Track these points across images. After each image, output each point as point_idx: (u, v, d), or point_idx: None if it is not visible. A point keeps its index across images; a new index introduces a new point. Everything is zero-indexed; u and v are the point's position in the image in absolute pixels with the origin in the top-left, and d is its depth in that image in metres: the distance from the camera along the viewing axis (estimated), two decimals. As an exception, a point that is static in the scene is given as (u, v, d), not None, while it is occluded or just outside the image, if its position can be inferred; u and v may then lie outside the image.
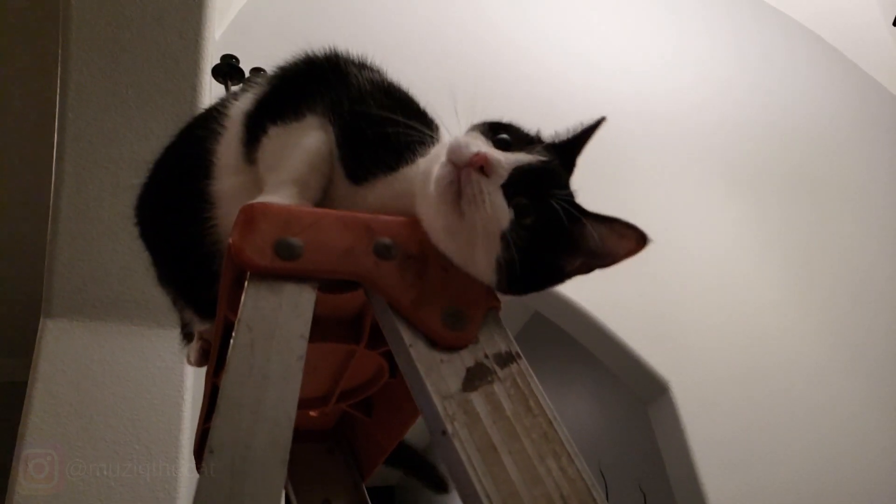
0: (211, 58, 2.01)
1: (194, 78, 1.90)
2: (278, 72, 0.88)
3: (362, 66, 0.85)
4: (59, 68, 1.76)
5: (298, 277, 0.62)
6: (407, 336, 0.62)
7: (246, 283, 0.61)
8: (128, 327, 1.77)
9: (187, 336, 1.00)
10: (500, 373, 0.62)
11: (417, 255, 0.67)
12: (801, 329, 3.26)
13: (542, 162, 0.71)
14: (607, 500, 0.77)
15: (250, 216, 0.65)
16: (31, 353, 1.70)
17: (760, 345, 3.11)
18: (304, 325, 0.60)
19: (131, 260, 1.82)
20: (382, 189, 0.74)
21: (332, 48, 0.86)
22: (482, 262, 0.66)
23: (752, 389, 2.94)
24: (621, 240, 0.74)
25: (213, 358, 0.79)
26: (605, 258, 0.72)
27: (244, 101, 0.87)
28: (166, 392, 1.71)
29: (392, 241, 0.66)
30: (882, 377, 3.26)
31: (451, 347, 0.62)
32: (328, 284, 0.65)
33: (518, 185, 0.67)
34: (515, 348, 0.65)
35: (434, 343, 0.62)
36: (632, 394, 3.10)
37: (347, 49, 0.85)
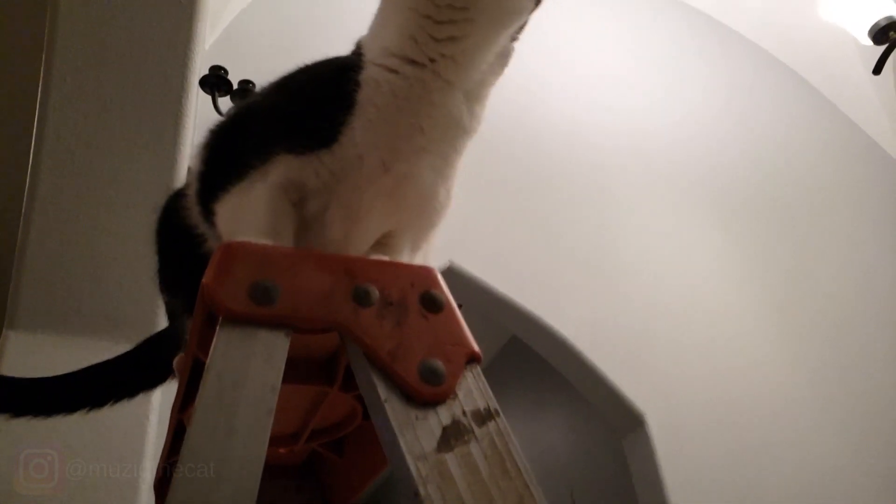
0: (199, 68, 1.98)
1: (181, 90, 1.88)
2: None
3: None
4: (42, 74, 1.73)
5: (272, 324, 0.60)
6: (382, 390, 0.59)
7: (218, 328, 0.59)
8: (95, 342, 1.72)
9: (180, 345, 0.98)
10: (478, 432, 0.60)
11: (397, 302, 0.65)
12: (780, 363, 3.26)
13: None
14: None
15: (227, 255, 0.63)
16: (-7, 366, 1.66)
17: (739, 379, 3.11)
18: (275, 375, 0.58)
19: (102, 273, 1.78)
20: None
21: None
22: None
23: (730, 424, 2.93)
24: None
25: (180, 394, 0.76)
26: None
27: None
28: (131, 410, 1.67)
29: (372, 287, 0.64)
30: (861, 410, 3.27)
31: (428, 403, 0.60)
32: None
33: None
34: (494, 405, 0.63)
35: (410, 398, 0.60)
36: (607, 424, 3.09)
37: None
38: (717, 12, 4.47)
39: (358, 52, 0.78)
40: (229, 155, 0.81)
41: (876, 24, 3.09)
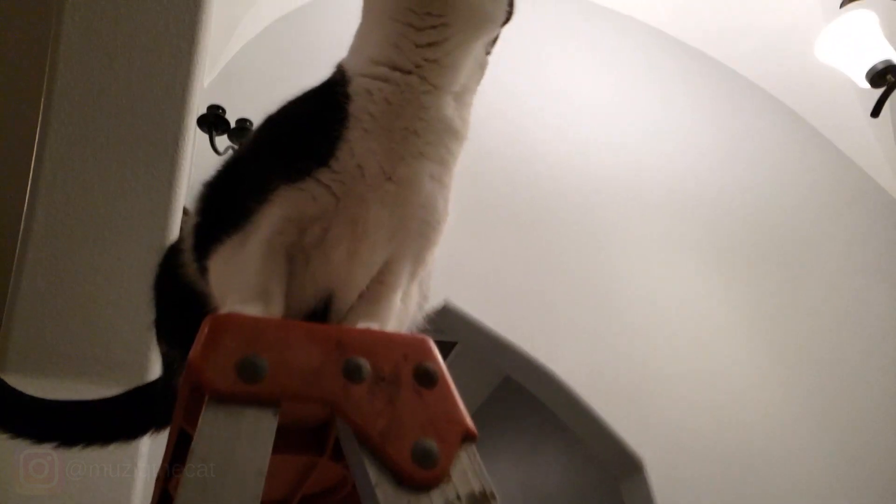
0: (197, 108, 1.98)
1: (178, 130, 1.87)
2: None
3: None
4: (41, 114, 1.73)
5: (260, 402, 0.58)
6: (373, 473, 0.57)
7: (204, 406, 0.57)
8: (85, 385, 1.69)
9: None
10: (472, 517, 0.58)
11: (389, 377, 0.63)
12: (782, 409, 3.23)
13: None
14: None
15: (215, 329, 0.61)
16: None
17: (740, 424, 3.07)
18: (262, 458, 0.56)
19: (94, 315, 1.76)
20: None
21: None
22: None
23: (730, 470, 2.90)
24: None
25: (165, 461, 0.74)
26: None
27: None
28: (118, 455, 1.64)
29: (363, 361, 0.63)
30: (866, 460, 3.23)
31: (421, 487, 0.58)
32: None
33: None
34: (490, 487, 0.61)
35: (402, 482, 0.58)
36: (604, 468, 3.05)
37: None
38: (713, 49, 4.49)
39: (340, 71, 0.80)
40: (223, 204, 0.81)
41: (873, 68, 3.09)
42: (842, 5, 2.82)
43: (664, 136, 3.96)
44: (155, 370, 1.65)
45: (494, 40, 0.87)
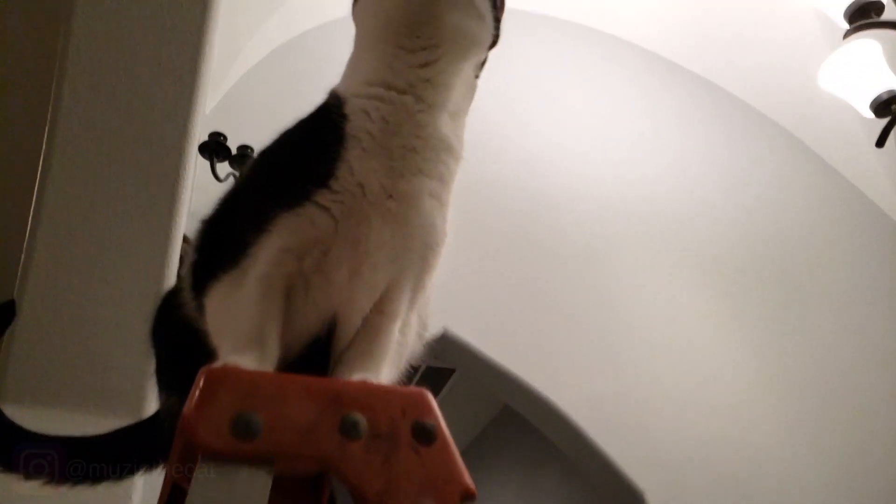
0: (199, 135, 1.98)
1: (179, 159, 1.87)
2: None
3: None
4: (45, 143, 1.73)
5: (254, 460, 0.57)
6: (369, 536, 0.56)
7: (197, 465, 0.56)
8: (83, 416, 1.69)
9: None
10: (470, 582, 0.57)
11: (386, 434, 0.62)
12: (786, 440, 3.20)
13: None
14: None
15: (210, 384, 0.60)
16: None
17: (742, 455, 3.05)
18: (256, 518, 0.55)
19: (94, 344, 1.75)
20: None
21: None
22: None
23: (732, 502, 2.87)
24: None
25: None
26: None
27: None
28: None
29: (360, 417, 0.61)
30: (872, 488, 3.20)
31: (418, 550, 0.57)
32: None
33: None
34: (487, 549, 0.59)
35: (399, 545, 0.57)
36: (605, 499, 3.02)
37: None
38: (715, 77, 4.50)
39: (334, 95, 0.81)
40: (220, 239, 0.81)
41: (877, 98, 3.09)
42: (845, 36, 2.82)
43: (667, 163, 3.96)
44: (152, 400, 1.64)
45: (483, 63, 0.90)
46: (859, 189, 4.52)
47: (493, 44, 0.88)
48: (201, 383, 0.60)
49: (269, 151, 0.83)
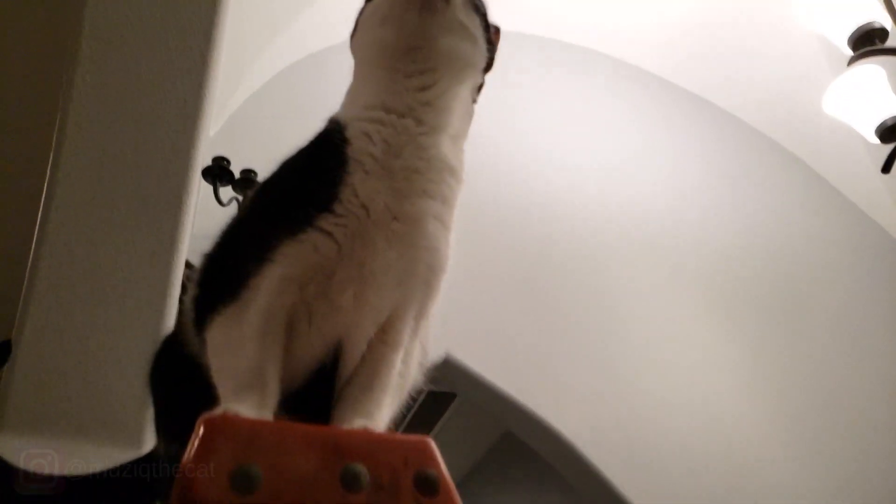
0: (202, 159, 1.98)
1: (182, 187, 1.87)
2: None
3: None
4: (49, 171, 1.73)
5: (254, 515, 0.56)
6: None
7: (194, 521, 0.55)
8: (82, 445, 1.68)
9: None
10: None
11: (389, 486, 0.61)
12: (789, 465, 3.17)
13: None
14: None
15: (208, 433, 0.59)
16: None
17: (748, 482, 3.02)
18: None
19: (95, 373, 1.75)
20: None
21: None
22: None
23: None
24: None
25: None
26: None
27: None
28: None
29: (362, 468, 0.60)
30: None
31: None
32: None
33: None
34: None
35: None
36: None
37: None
38: (720, 100, 4.51)
39: (334, 121, 0.82)
40: (221, 272, 0.80)
41: (883, 123, 3.08)
42: (850, 62, 2.82)
43: (671, 187, 3.96)
44: (151, 431, 1.63)
45: (480, 88, 0.92)
46: (863, 211, 4.51)
47: (488, 67, 0.91)
48: (200, 433, 0.59)
49: (269, 181, 0.83)
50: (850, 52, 2.97)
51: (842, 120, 3.24)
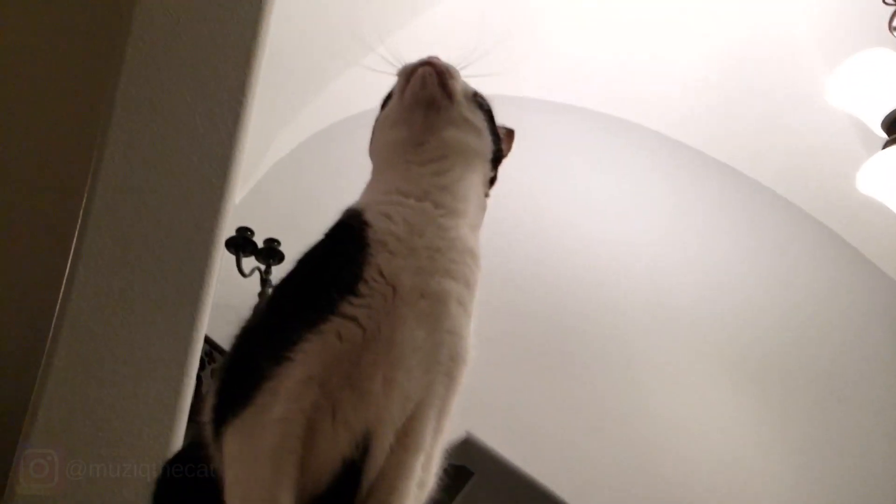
0: (226, 231, 1.99)
1: (205, 264, 1.87)
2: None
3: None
4: (73, 247, 1.75)
5: None
6: None
7: None
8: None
9: None
10: None
11: None
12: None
13: None
14: None
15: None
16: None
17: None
18: None
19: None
20: None
21: None
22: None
23: None
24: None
25: None
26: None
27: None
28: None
29: None
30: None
31: None
32: None
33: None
34: None
35: None
36: None
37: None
38: (748, 169, 4.47)
39: (350, 209, 0.84)
40: (238, 374, 0.78)
41: (917, 199, 3.02)
42: (885, 146, 2.79)
43: (700, 258, 3.91)
44: None
45: (492, 181, 0.97)
46: (893, 279, 4.41)
47: (497, 159, 0.96)
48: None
49: (286, 278, 0.83)
50: (881, 132, 2.94)
51: (877, 199, 3.19)
